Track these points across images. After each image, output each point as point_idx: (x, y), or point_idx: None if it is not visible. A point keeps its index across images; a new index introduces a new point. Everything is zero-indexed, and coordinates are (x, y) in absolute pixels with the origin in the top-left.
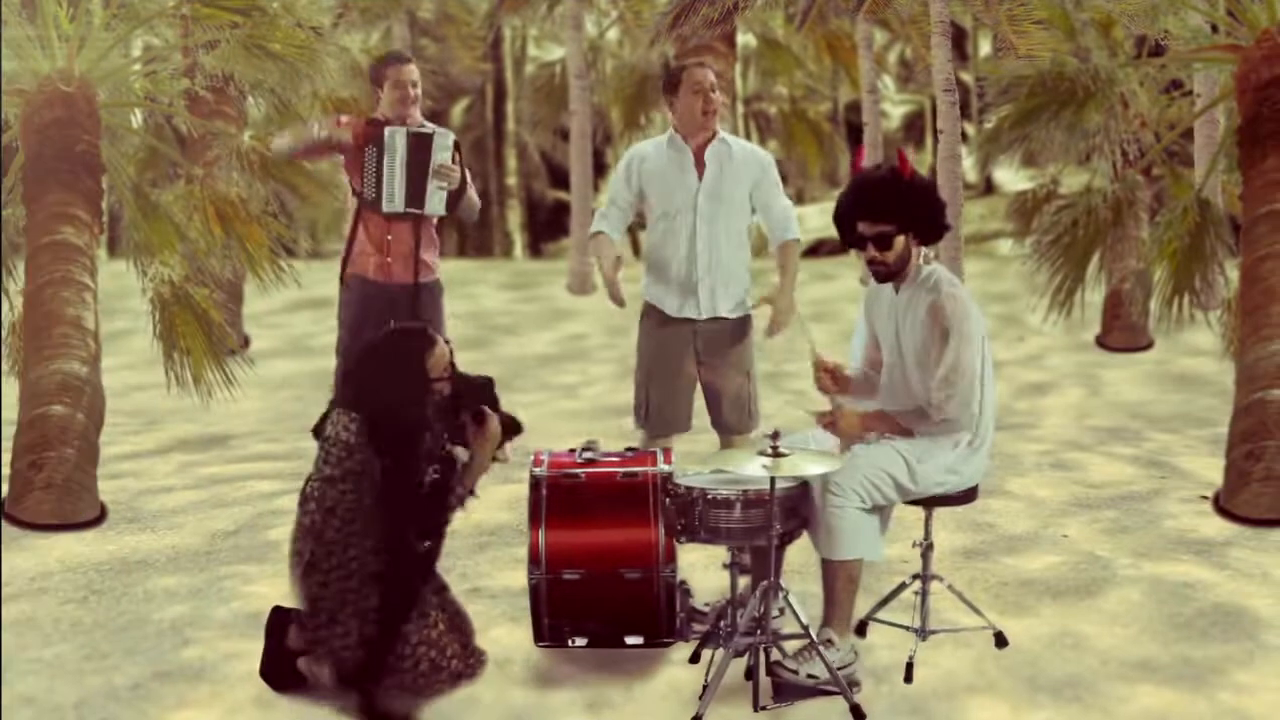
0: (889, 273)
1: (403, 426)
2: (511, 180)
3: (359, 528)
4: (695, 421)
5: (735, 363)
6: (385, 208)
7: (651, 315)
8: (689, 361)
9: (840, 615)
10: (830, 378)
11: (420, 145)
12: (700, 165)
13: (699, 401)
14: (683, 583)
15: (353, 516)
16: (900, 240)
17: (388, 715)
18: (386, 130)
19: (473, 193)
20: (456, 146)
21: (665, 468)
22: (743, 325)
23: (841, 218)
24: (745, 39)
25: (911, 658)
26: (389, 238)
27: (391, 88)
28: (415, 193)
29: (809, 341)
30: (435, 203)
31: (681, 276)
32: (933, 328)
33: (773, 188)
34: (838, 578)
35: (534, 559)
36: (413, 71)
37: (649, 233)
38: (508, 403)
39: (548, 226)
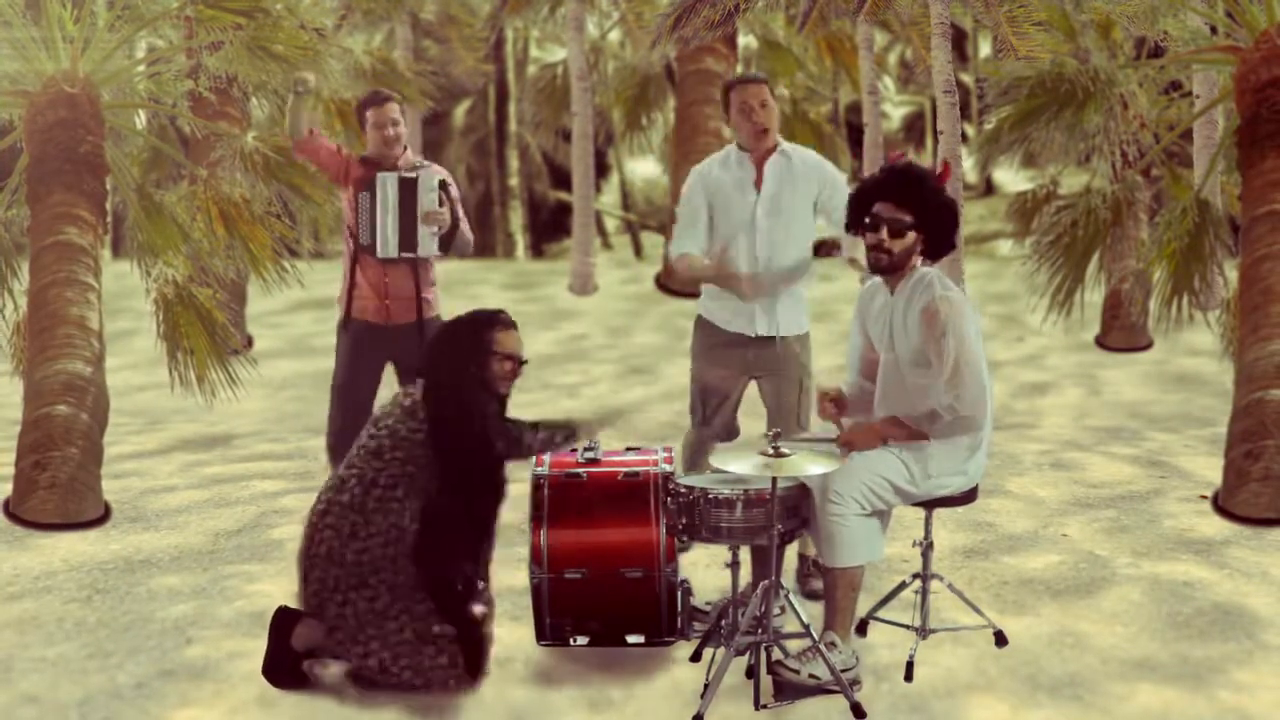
0: (890, 264)
1: (458, 388)
2: (513, 181)
3: (400, 494)
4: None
5: (792, 367)
6: (380, 253)
7: (704, 328)
8: (740, 374)
9: (842, 620)
10: (833, 405)
11: (407, 190)
12: (759, 179)
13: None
14: (684, 582)
15: (394, 483)
16: (912, 235)
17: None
18: (378, 176)
19: (465, 228)
20: (444, 186)
21: (666, 467)
22: (799, 342)
23: (865, 193)
24: (746, 40)
25: (912, 656)
26: (387, 280)
27: (371, 129)
28: (407, 238)
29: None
30: (427, 245)
31: (737, 295)
32: (929, 330)
33: (842, 203)
34: (839, 584)
35: (536, 558)
36: (391, 110)
37: (710, 247)
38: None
39: (550, 227)
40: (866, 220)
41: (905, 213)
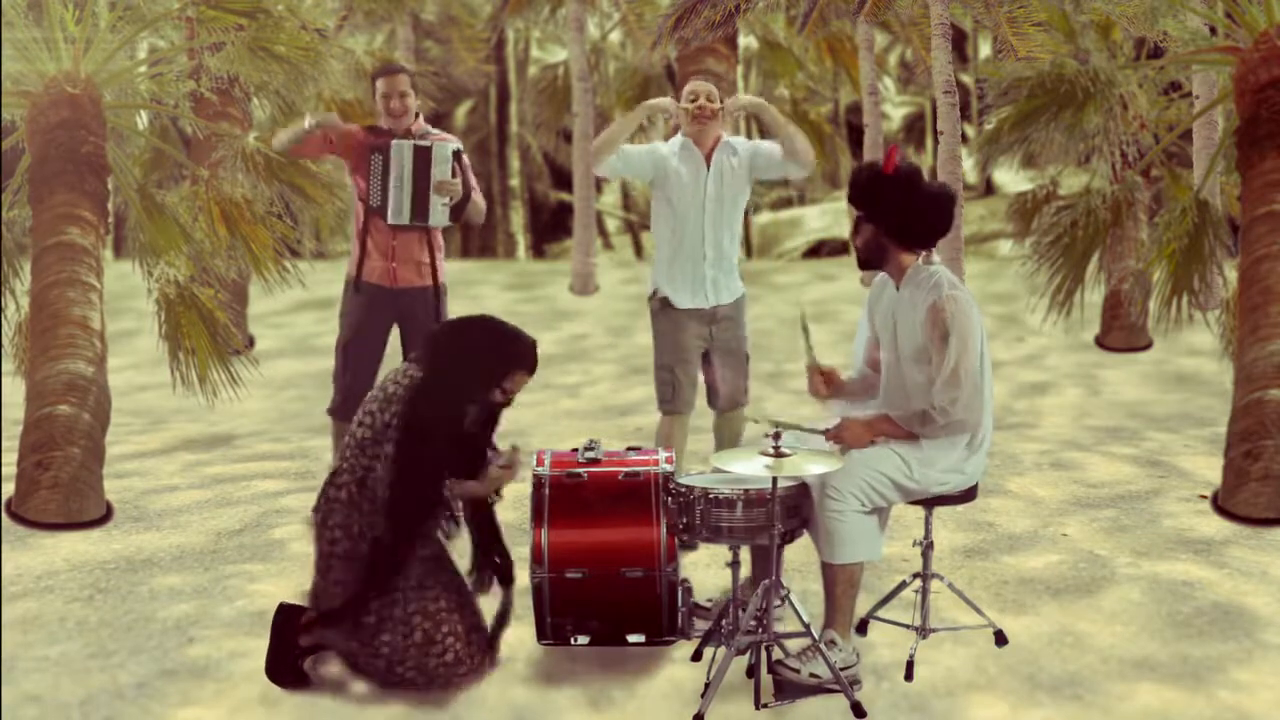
0: (860, 260)
1: (450, 401)
2: (515, 181)
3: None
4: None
5: (739, 340)
6: (391, 219)
7: (669, 308)
8: (701, 347)
9: (842, 618)
10: (823, 381)
11: (422, 159)
12: (709, 170)
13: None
14: (684, 581)
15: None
16: (868, 229)
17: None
18: (393, 142)
19: (478, 197)
20: (457, 155)
21: (667, 467)
22: (740, 308)
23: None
24: (747, 41)
25: (912, 656)
26: (394, 244)
27: (379, 98)
28: (419, 205)
29: (807, 346)
30: (438, 215)
31: (692, 272)
32: (932, 329)
33: (766, 150)
34: (838, 581)
35: (537, 558)
36: (398, 82)
37: (660, 230)
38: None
39: (550, 228)
40: None
41: (858, 209)
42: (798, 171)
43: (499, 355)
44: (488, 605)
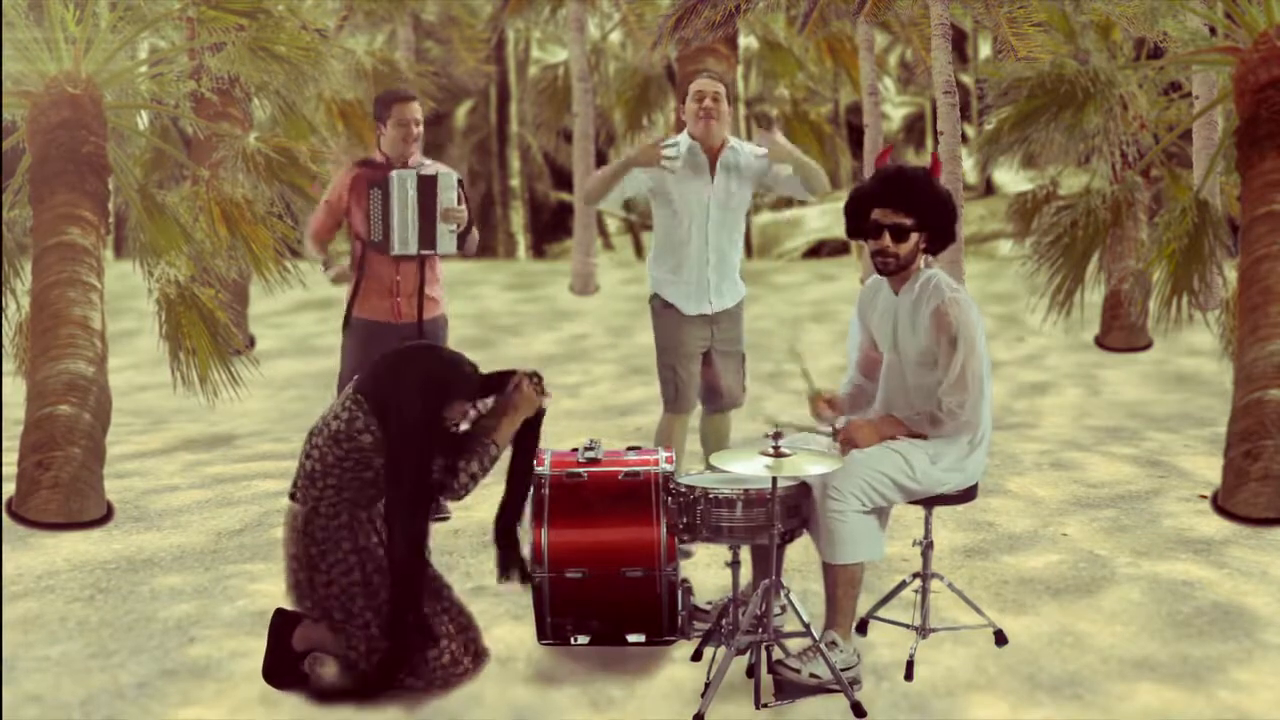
0: (896, 267)
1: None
2: (515, 181)
3: (345, 519)
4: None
5: (738, 342)
6: (397, 250)
7: (670, 311)
8: (703, 346)
9: (843, 619)
10: (827, 407)
11: (427, 188)
12: (713, 174)
13: None
14: (685, 581)
15: (335, 511)
16: (915, 237)
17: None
18: (394, 174)
19: (474, 229)
20: (460, 184)
21: (667, 467)
22: (741, 308)
23: (860, 201)
24: (747, 41)
25: (912, 656)
26: (398, 279)
27: (394, 126)
28: (426, 235)
29: (806, 380)
30: (446, 243)
31: (696, 278)
32: (939, 334)
33: (778, 171)
34: (839, 581)
35: (537, 557)
36: (415, 110)
37: (662, 235)
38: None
39: (551, 228)
40: (867, 227)
41: (905, 216)
42: (807, 197)
43: (423, 399)
44: (480, 605)
